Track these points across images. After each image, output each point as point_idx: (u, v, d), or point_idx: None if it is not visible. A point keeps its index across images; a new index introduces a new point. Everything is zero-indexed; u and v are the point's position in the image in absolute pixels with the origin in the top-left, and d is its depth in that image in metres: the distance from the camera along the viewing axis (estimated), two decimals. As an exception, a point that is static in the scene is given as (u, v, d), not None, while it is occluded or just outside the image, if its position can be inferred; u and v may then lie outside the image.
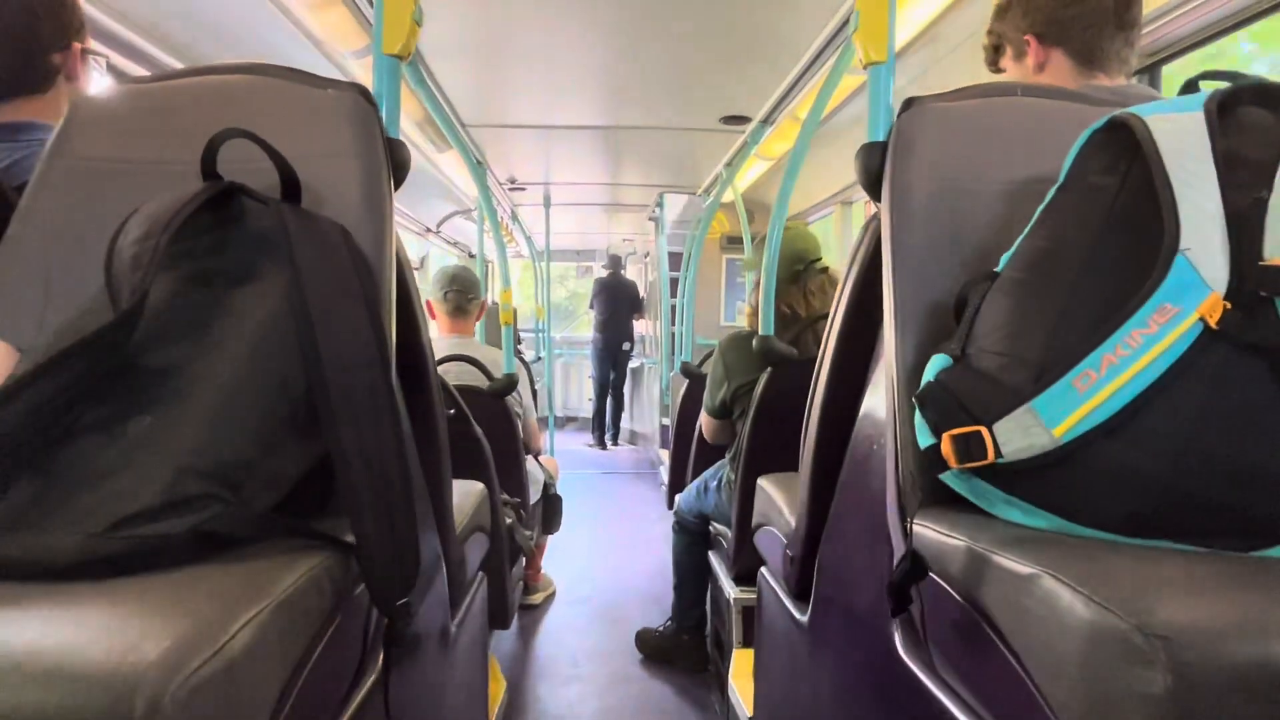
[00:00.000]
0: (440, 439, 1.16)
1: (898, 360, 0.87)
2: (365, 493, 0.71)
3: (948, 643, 0.74)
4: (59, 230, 0.91)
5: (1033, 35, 1.28)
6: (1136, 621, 0.47)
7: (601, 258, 7.82)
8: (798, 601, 1.27)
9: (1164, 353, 0.64)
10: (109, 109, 0.98)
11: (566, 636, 2.80)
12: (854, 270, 1.08)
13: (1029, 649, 0.58)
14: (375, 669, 0.79)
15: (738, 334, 2.25)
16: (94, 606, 0.52)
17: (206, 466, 0.64)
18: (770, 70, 2.73)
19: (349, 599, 0.73)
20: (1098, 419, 0.65)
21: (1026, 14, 1.29)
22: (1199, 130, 0.71)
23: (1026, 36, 1.28)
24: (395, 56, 1.08)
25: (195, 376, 0.68)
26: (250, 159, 0.86)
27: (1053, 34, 1.26)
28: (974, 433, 0.70)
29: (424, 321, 1.11)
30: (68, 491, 0.60)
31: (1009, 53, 1.33)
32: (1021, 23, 1.29)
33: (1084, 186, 0.78)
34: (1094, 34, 1.24)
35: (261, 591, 0.58)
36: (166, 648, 0.47)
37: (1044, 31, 1.27)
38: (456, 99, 3.14)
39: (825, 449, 1.15)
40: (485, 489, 1.61)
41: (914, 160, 0.92)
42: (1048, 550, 0.60)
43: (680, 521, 2.49)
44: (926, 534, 0.74)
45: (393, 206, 0.95)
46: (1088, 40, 1.24)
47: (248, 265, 0.79)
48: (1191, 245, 0.66)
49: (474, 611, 1.37)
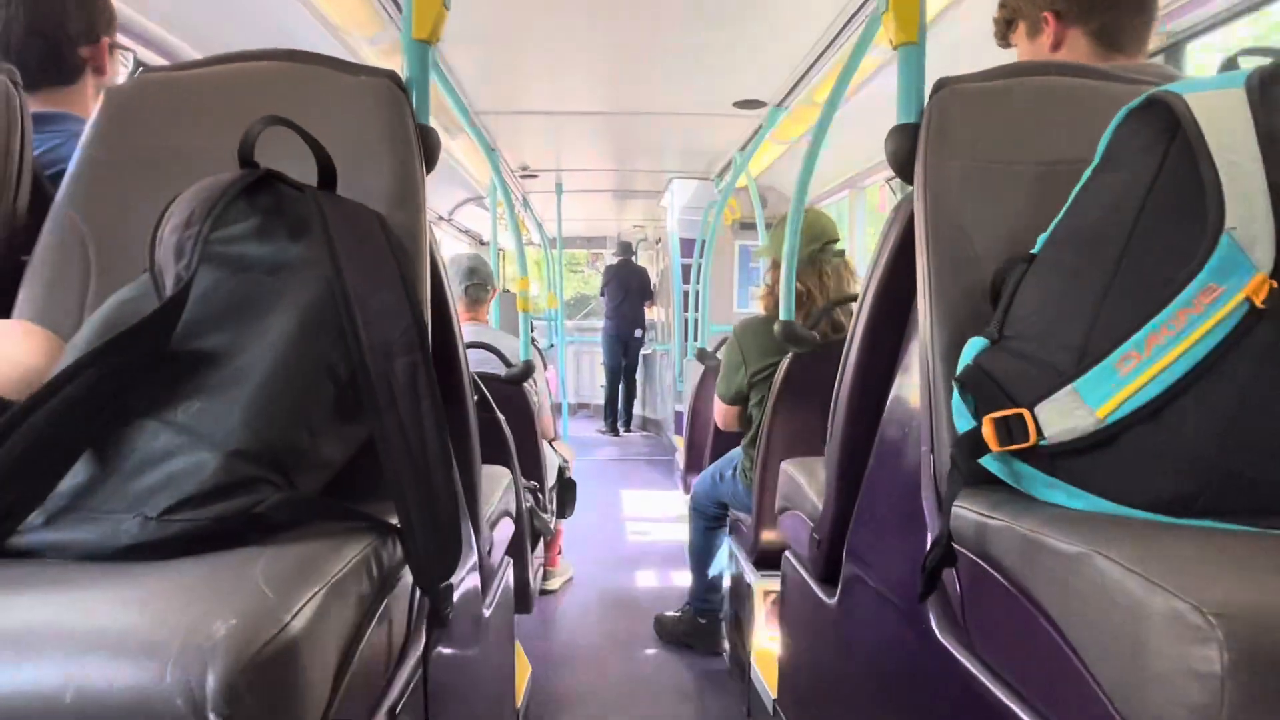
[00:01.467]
0: (470, 424, 1.17)
1: (933, 344, 0.87)
2: (408, 476, 0.72)
3: (989, 624, 0.74)
4: (98, 220, 0.91)
5: (1051, 12, 1.24)
6: (1193, 600, 0.47)
7: (613, 245, 7.82)
8: (824, 584, 1.27)
9: (1209, 333, 0.64)
10: (142, 98, 0.99)
11: (585, 621, 2.82)
12: (884, 253, 1.08)
13: (1078, 629, 0.58)
14: (418, 650, 0.80)
15: (754, 319, 2.25)
16: (158, 587, 0.53)
17: (256, 451, 0.65)
18: (784, 54, 2.71)
19: (393, 581, 0.74)
20: (1142, 400, 0.65)
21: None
22: (1241, 108, 0.71)
23: (1045, 13, 1.24)
24: (424, 41, 1.08)
25: (241, 363, 0.69)
26: (284, 146, 0.86)
27: (1074, 12, 1.22)
28: (1015, 415, 0.70)
29: (454, 307, 1.11)
30: (123, 476, 0.61)
31: (1021, 28, 1.29)
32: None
33: (1122, 166, 0.77)
34: (1115, 14, 1.20)
35: (316, 574, 0.59)
36: (233, 626, 0.48)
37: (1064, 9, 1.23)
38: (469, 85, 3.13)
39: (853, 432, 1.15)
40: (510, 474, 1.62)
41: (948, 142, 0.92)
42: (1095, 530, 0.60)
43: (696, 507, 2.50)
44: (967, 515, 0.75)
45: (425, 192, 0.95)
46: (1109, 20, 1.21)
47: (286, 252, 0.79)
48: (1237, 224, 0.66)
49: (502, 596, 1.39)
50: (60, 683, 0.46)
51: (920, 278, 0.91)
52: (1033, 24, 1.27)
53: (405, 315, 0.79)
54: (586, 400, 8.38)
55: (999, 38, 1.35)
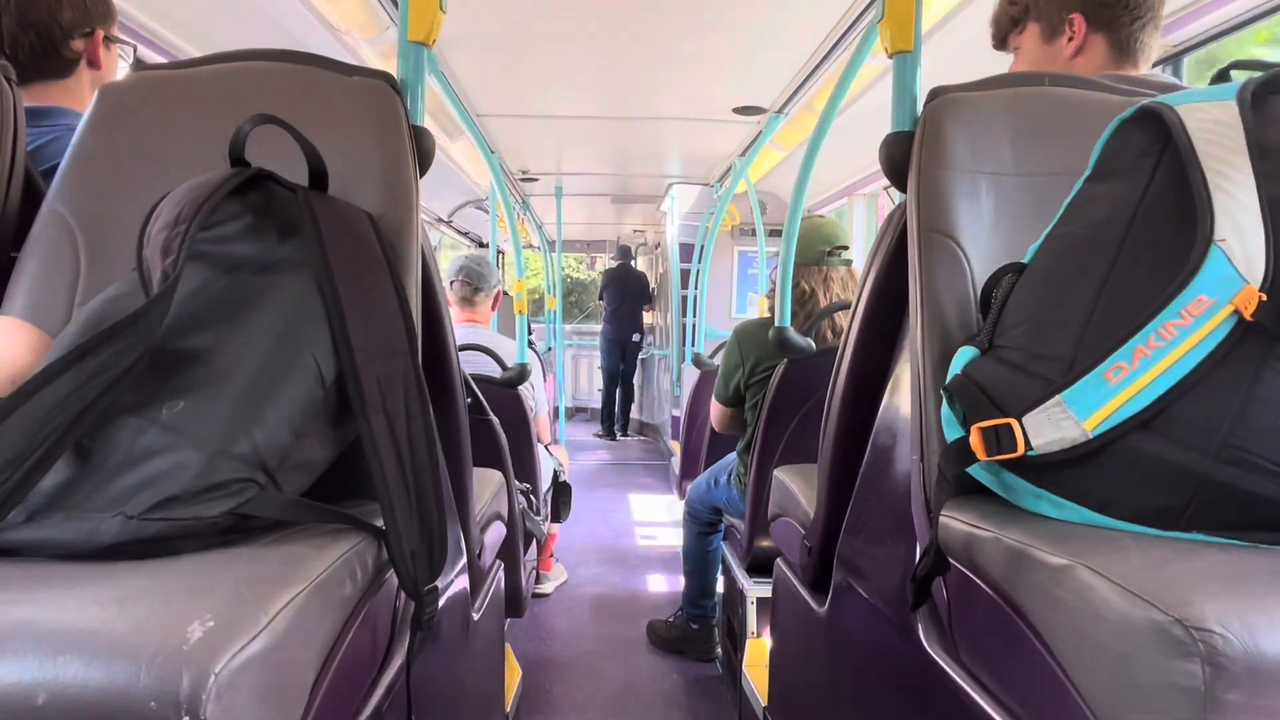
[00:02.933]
0: (461, 427, 1.16)
1: (924, 352, 0.87)
2: (394, 478, 0.71)
3: (975, 634, 0.74)
4: (89, 216, 0.91)
5: (1080, 14, 1.19)
6: (1176, 614, 0.47)
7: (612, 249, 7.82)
8: (815, 592, 1.27)
9: (1198, 345, 0.64)
10: (137, 95, 0.99)
11: (577, 625, 2.82)
12: (877, 261, 1.07)
13: (1062, 641, 0.58)
14: (401, 653, 0.80)
15: (753, 321, 2.25)
16: (137, 587, 0.53)
17: (240, 451, 0.64)
18: (784, 60, 2.72)
19: (378, 583, 0.74)
20: (1130, 411, 0.65)
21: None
22: (1232, 120, 0.71)
23: (1072, 15, 1.20)
24: (420, 43, 1.08)
25: (227, 362, 0.69)
26: (277, 145, 0.86)
27: (1102, 19, 1.19)
28: (1004, 425, 0.70)
29: (445, 310, 1.11)
30: (106, 475, 0.61)
31: (1034, 30, 1.24)
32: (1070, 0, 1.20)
33: (1113, 177, 0.77)
34: (1139, 26, 1.18)
35: (297, 575, 0.58)
36: (211, 628, 0.47)
37: (1094, 14, 1.19)
38: (469, 88, 3.13)
39: (846, 440, 1.15)
40: (502, 477, 1.62)
41: (942, 151, 0.92)
42: (1081, 542, 0.60)
43: (691, 512, 2.49)
44: (954, 525, 0.74)
45: (419, 195, 0.95)
46: (1135, 32, 1.18)
47: (275, 252, 0.79)
48: (1226, 236, 0.66)
49: (492, 599, 1.38)
50: (32, 683, 0.45)
51: (912, 286, 0.91)
52: (1052, 26, 1.22)
53: (394, 316, 0.79)
54: (584, 404, 8.37)
55: (997, 40, 1.31)
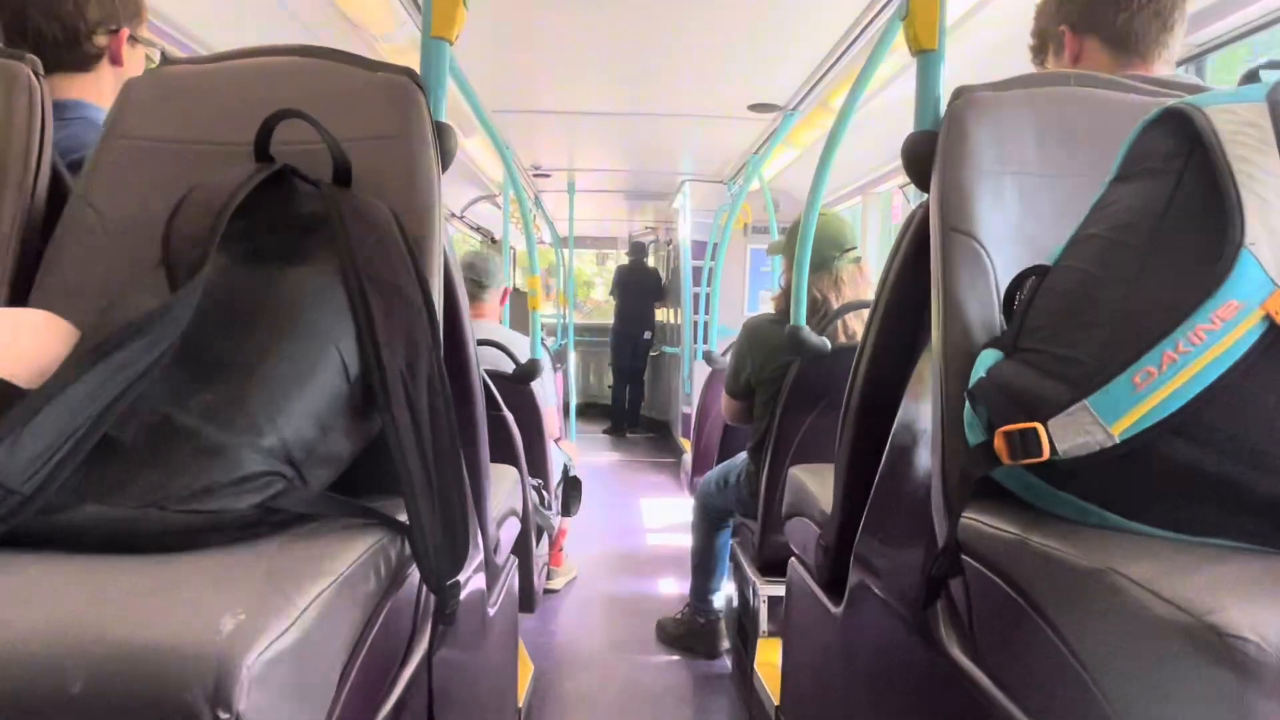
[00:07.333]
0: (479, 423, 1.17)
1: (945, 353, 0.87)
2: (418, 473, 0.72)
3: (996, 636, 0.74)
4: (115, 210, 0.92)
5: (1067, 25, 1.25)
6: (1209, 620, 0.47)
7: (624, 245, 7.81)
8: (830, 592, 1.27)
9: (1227, 350, 0.63)
10: (162, 90, 0.99)
11: (587, 622, 2.82)
12: (897, 260, 1.07)
13: (1087, 644, 0.57)
14: (422, 647, 0.80)
15: (764, 316, 2.24)
16: (168, 579, 0.53)
17: (268, 444, 0.65)
18: (799, 58, 2.71)
19: (401, 577, 0.74)
20: (1158, 416, 0.64)
21: (1062, 4, 1.27)
22: (1262, 121, 0.70)
23: (1061, 28, 1.26)
24: (442, 39, 1.08)
25: (253, 356, 0.69)
26: (301, 140, 0.86)
27: (1085, 20, 1.23)
28: (1029, 429, 0.70)
29: (464, 306, 1.11)
30: (135, 467, 0.61)
31: (1051, 50, 1.31)
32: (1057, 14, 1.27)
33: (1140, 179, 0.76)
34: (1127, 17, 1.20)
35: (325, 569, 0.59)
36: (242, 621, 0.48)
37: (1076, 20, 1.24)
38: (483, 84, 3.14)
39: (864, 440, 1.15)
40: (516, 473, 1.62)
41: (966, 150, 0.91)
42: (1108, 547, 0.60)
43: (701, 510, 2.49)
44: (976, 527, 0.74)
45: (441, 191, 0.96)
46: (1120, 24, 1.20)
47: (300, 247, 0.79)
48: (1257, 240, 0.65)
49: (507, 594, 1.39)
50: (69, 671, 0.46)
51: (934, 286, 0.91)
52: (1057, 43, 1.28)
53: (418, 311, 0.79)
54: (594, 400, 8.38)
55: (1037, 66, 1.36)
